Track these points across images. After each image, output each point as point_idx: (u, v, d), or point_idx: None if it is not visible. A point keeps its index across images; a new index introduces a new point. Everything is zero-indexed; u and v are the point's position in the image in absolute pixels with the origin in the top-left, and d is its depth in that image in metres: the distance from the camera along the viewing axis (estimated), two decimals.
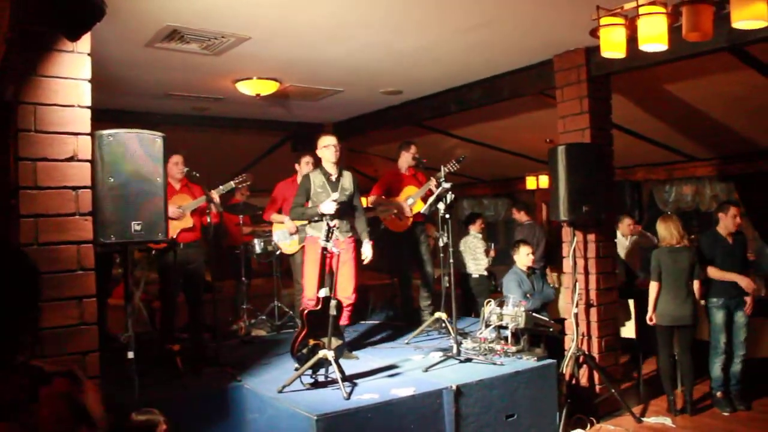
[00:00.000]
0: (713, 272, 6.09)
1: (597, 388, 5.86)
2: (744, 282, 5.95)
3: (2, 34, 4.31)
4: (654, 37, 3.56)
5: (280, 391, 4.47)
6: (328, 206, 5.48)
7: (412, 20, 5.14)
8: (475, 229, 8.71)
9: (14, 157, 3.52)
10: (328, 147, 5.75)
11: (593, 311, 5.91)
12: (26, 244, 3.45)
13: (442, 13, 4.98)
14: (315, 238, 5.60)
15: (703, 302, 6.34)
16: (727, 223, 6.14)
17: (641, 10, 3.57)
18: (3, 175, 6.34)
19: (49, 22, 3.42)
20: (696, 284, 6.03)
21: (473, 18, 5.09)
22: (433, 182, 6.46)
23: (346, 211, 5.72)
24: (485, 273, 8.46)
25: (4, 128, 4.04)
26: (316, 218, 5.63)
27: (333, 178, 5.74)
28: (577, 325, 5.80)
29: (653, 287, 6.05)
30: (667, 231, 6.15)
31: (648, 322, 6.09)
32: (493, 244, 8.64)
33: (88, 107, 3.68)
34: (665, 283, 6.02)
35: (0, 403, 1.66)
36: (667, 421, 5.70)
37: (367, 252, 5.78)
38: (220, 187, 6.07)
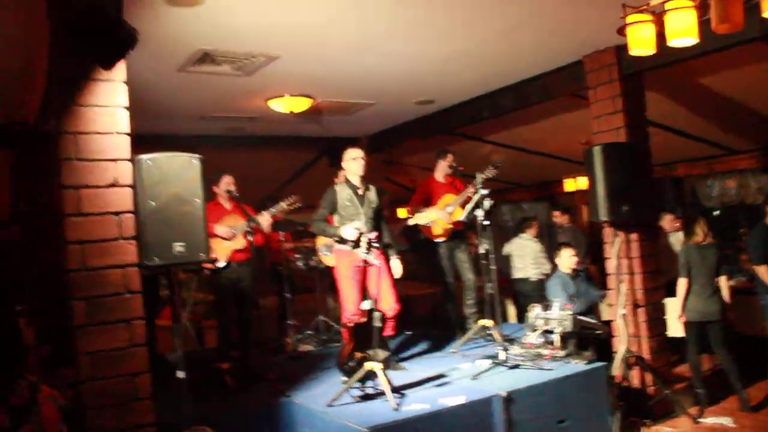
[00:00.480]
0: (761, 271, 5.95)
1: (650, 389, 5.75)
2: None
3: (42, 68, 4.45)
4: (683, 31, 3.50)
5: (330, 405, 4.48)
6: (349, 233, 5.43)
7: (440, 30, 5.15)
8: (532, 233, 8.62)
9: (59, 186, 3.61)
10: (356, 159, 5.72)
11: (641, 311, 5.81)
12: (75, 269, 3.53)
13: (469, 21, 4.99)
14: (345, 252, 5.61)
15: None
16: None
17: (668, 5, 3.52)
18: (51, 204, 6.51)
19: (84, 53, 3.50)
20: (723, 280, 5.98)
21: (501, 23, 5.08)
22: (471, 189, 6.44)
23: (376, 224, 5.71)
24: (542, 276, 8.36)
25: (48, 158, 4.17)
26: (336, 239, 5.63)
27: (360, 191, 5.74)
28: (626, 326, 5.70)
29: (682, 284, 5.97)
30: (697, 228, 6.08)
31: (678, 319, 5.99)
32: None
33: (126, 133, 3.76)
34: (694, 280, 5.95)
35: (17, 407, 2.11)
36: (727, 421, 5.56)
37: (397, 268, 5.70)
38: (272, 209, 6.14)
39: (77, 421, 3.49)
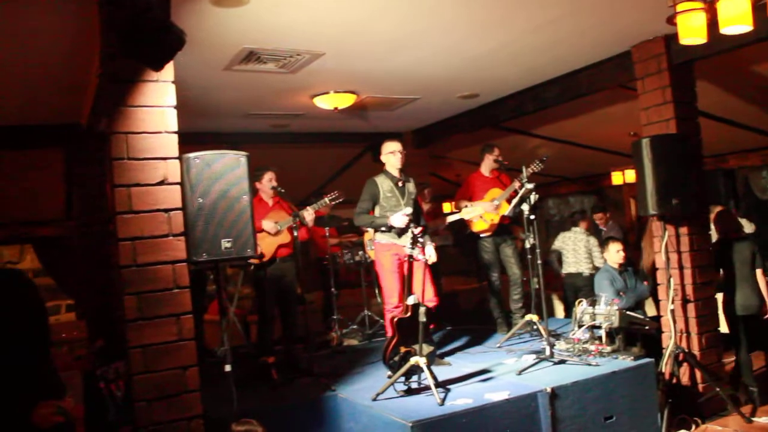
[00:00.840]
0: None
1: (700, 386, 5.64)
2: None
3: (94, 71, 4.57)
4: (737, 18, 3.43)
5: (374, 399, 4.52)
6: (399, 220, 5.45)
7: (483, 23, 5.12)
8: (584, 226, 8.49)
9: (110, 185, 3.71)
10: (394, 153, 5.74)
11: (690, 307, 5.70)
12: (126, 265, 3.63)
13: (512, 12, 4.94)
14: (388, 245, 5.62)
15: None
16: None
17: None
18: (102, 202, 6.68)
19: (134, 55, 3.59)
20: (759, 273, 5.91)
21: (545, 14, 5.02)
22: (517, 184, 6.40)
23: (416, 217, 5.70)
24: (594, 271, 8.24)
25: (100, 158, 4.29)
26: (383, 229, 5.64)
27: (400, 183, 5.75)
28: (675, 321, 5.60)
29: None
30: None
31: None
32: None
33: (175, 132, 3.85)
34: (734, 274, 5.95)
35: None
36: None
37: (430, 252, 5.60)
38: (315, 204, 6.20)
39: (129, 413, 3.59)
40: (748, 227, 7.94)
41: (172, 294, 3.74)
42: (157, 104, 3.80)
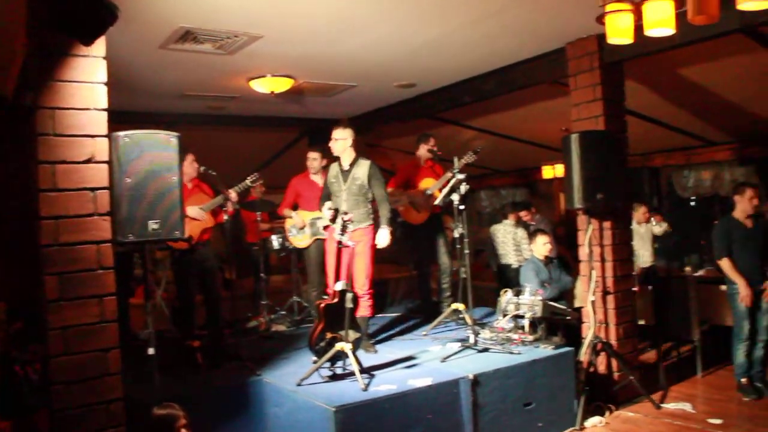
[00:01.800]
0: (724, 266, 6.06)
1: (615, 375, 5.86)
2: (744, 292, 5.90)
3: (20, 42, 4.42)
4: (660, 21, 3.55)
5: (299, 384, 4.54)
6: (324, 213, 5.72)
7: (423, 12, 5.15)
8: (514, 218, 8.60)
9: (35, 161, 3.61)
10: (332, 141, 5.85)
11: (610, 298, 5.91)
12: (47, 245, 3.54)
13: (453, 4, 4.99)
14: (331, 230, 5.72)
15: (725, 288, 6.32)
16: (744, 205, 6.10)
17: None
18: (25, 179, 6.46)
19: (64, 28, 3.50)
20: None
21: (485, 7, 5.09)
22: (450, 174, 6.48)
23: (357, 201, 5.73)
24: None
25: (24, 133, 4.15)
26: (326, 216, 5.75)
27: (345, 167, 5.80)
28: (595, 312, 5.80)
29: None
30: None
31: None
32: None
33: (104, 110, 3.77)
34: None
35: None
36: (688, 407, 5.69)
37: (380, 237, 5.65)
38: (235, 187, 6.17)
39: (45, 396, 3.52)
40: (658, 229, 8.24)
41: (96, 275, 3.68)
42: (87, 80, 3.73)
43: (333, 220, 5.58)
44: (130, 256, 6.76)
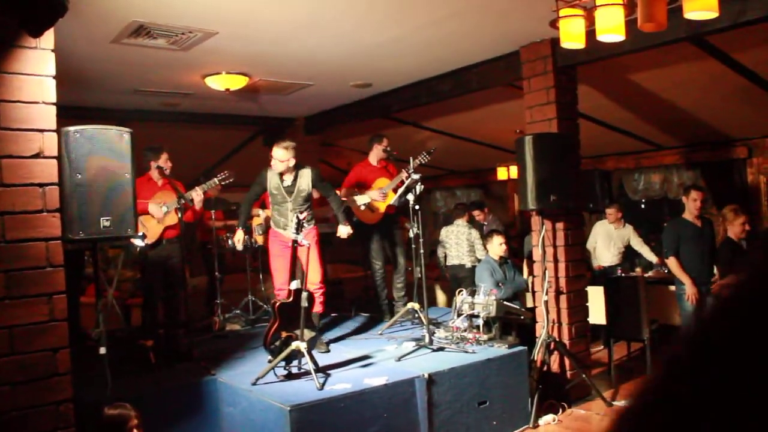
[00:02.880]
0: (671, 265, 6.21)
1: (568, 373, 5.96)
2: (690, 290, 6.04)
3: None
4: (611, 28, 3.63)
5: (254, 384, 4.51)
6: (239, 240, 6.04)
7: (379, 12, 5.17)
8: (465, 219, 8.63)
9: None
10: (274, 161, 5.82)
11: (563, 298, 6.00)
12: None
13: (410, 5, 5.01)
14: (274, 232, 5.82)
15: (674, 288, 6.47)
16: (689, 206, 6.28)
17: (598, 2, 3.64)
18: None
19: (11, 17, 3.40)
20: None
21: (441, 9, 5.12)
22: (404, 174, 6.51)
23: (303, 208, 5.77)
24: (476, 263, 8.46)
25: None
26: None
27: (287, 183, 5.82)
28: (548, 312, 5.88)
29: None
30: None
31: None
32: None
33: (53, 104, 3.68)
34: None
35: None
36: None
37: (342, 231, 5.93)
38: (204, 184, 6.09)
39: None
40: (635, 239, 8.47)
41: (45, 272, 3.59)
42: (35, 72, 3.62)
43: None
44: (81, 253, 6.61)
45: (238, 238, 6.06)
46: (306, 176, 5.82)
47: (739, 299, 0.57)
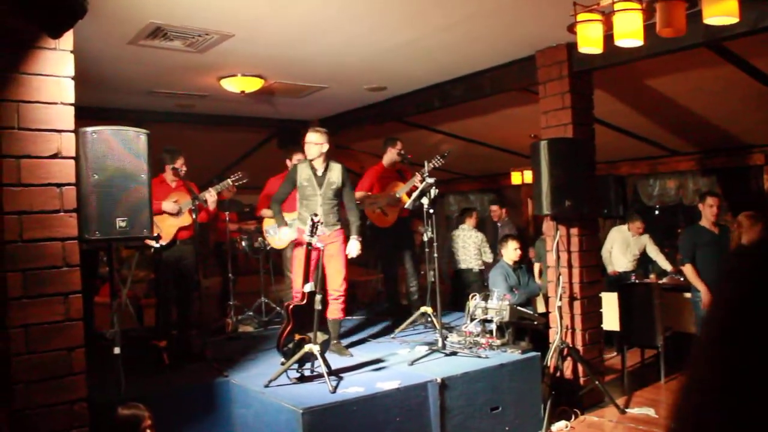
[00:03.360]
0: (687, 272, 6.17)
1: (581, 380, 5.92)
2: (706, 297, 5.98)
3: None
4: (630, 33, 3.62)
5: (267, 386, 4.51)
6: (285, 235, 5.75)
7: (394, 16, 5.17)
8: (471, 224, 8.66)
9: None
10: (308, 144, 5.74)
11: (577, 304, 5.97)
12: (11, 240, 3.47)
13: (425, 9, 5.01)
14: (300, 231, 5.66)
15: (689, 295, 6.43)
16: (705, 213, 6.24)
17: (617, 6, 3.63)
18: None
19: (31, 19, 3.43)
20: None
21: (456, 13, 5.12)
22: (418, 178, 6.50)
23: (332, 205, 5.72)
24: (483, 267, 8.46)
25: None
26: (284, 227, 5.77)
27: (319, 172, 5.73)
28: (561, 318, 5.86)
29: None
30: None
31: None
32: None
33: (71, 104, 3.71)
34: None
35: None
36: (651, 411, 5.77)
37: (351, 248, 5.65)
38: (218, 185, 6.10)
39: (7, 396, 3.44)
40: (652, 248, 8.45)
41: (61, 272, 3.61)
42: (54, 73, 3.66)
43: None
44: (95, 253, 6.65)
45: (282, 237, 5.99)
46: (337, 170, 5.76)
47: None
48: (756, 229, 5.80)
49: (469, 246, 8.43)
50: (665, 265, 8.35)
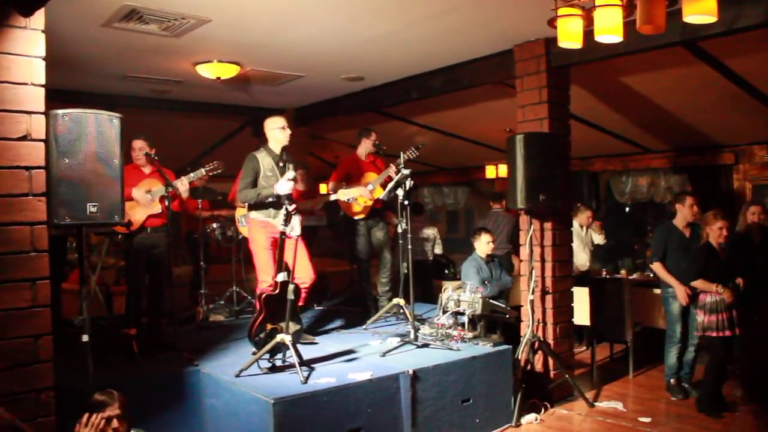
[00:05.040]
0: (656, 269, 6.23)
1: (551, 373, 5.96)
2: (680, 293, 6.03)
3: None
4: (609, 28, 3.62)
5: (238, 376, 4.48)
6: (284, 186, 5.27)
7: (373, 6, 5.13)
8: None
9: None
10: (283, 128, 5.65)
11: (548, 298, 6.01)
12: None
13: (402, 0, 4.99)
14: (262, 222, 5.59)
15: (658, 291, 6.50)
16: (685, 213, 6.28)
17: (597, 2, 3.62)
18: None
19: None
20: None
21: (435, 5, 5.09)
22: (392, 169, 6.47)
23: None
24: None
25: None
26: (271, 199, 5.52)
27: (281, 162, 5.67)
28: (533, 311, 5.88)
29: None
30: None
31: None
32: None
33: (42, 85, 3.61)
34: None
35: None
36: (619, 405, 5.83)
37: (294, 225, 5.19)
38: (191, 174, 6.00)
39: None
40: (598, 238, 8.46)
41: (29, 257, 3.53)
42: (24, 53, 3.56)
43: (278, 207, 5.39)
44: (63, 239, 6.54)
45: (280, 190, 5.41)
46: (290, 160, 5.73)
47: None
48: (717, 225, 5.76)
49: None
50: (600, 239, 8.47)
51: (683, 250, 6.18)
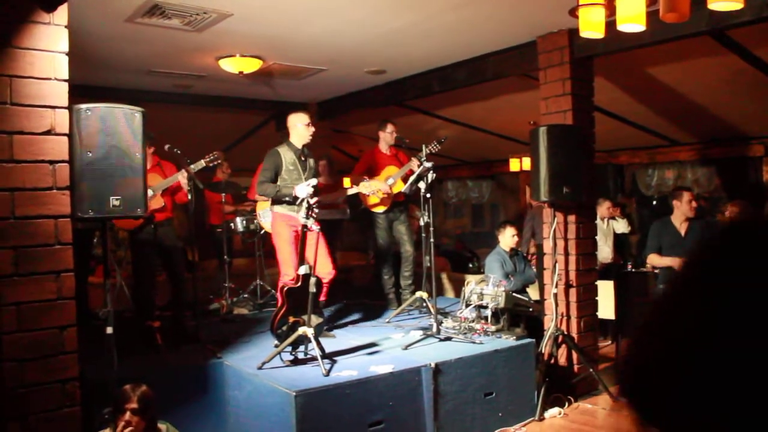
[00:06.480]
0: (651, 259, 6.17)
1: (575, 367, 5.92)
2: (678, 263, 5.92)
3: None
4: (632, 17, 3.57)
5: (260, 368, 4.50)
6: (304, 190, 5.17)
7: None
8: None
9: None
10: (307, 125, 5.69)
11: (572, 291, 5.96)
12: (3, 217, 3.43)
13: None
14: (285, 216, 5.60)
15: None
16: (683, 209, 6.18)
17: None
18: None
19: None
20: None
21: None
22: (414, 162, 6.46)
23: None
24: None
25: None
26: (288, 199, 5.55)
27: (303, 157, 5.70)
28: (557, 305, 5.84)
29: None
30: None
31: None
32: None
33: (65, 80, 3.65)
34: None
35: None
36: None
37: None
38: (191, 166, 6.02)
39: None
40: (618, 226, 8.39)
41: (54, 250, 3.57)
42: (48, 48, 3.60)
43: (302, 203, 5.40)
44: (90, 233, 6.61)
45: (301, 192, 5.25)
46: (311, 155, 5.77)
47: None
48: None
49: None
50: (623, 227, 8.41)
51: (677, 247, 6.06)
